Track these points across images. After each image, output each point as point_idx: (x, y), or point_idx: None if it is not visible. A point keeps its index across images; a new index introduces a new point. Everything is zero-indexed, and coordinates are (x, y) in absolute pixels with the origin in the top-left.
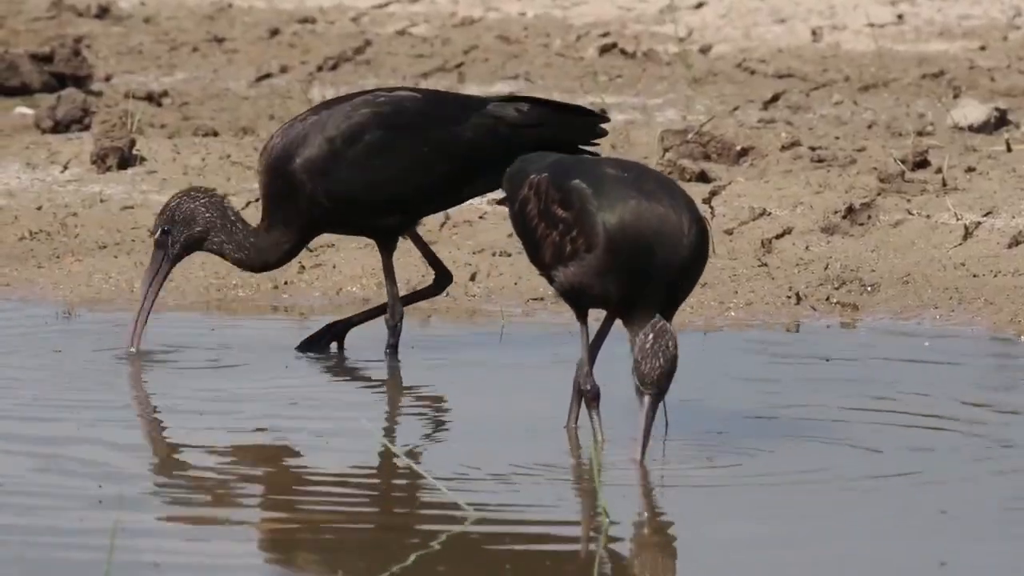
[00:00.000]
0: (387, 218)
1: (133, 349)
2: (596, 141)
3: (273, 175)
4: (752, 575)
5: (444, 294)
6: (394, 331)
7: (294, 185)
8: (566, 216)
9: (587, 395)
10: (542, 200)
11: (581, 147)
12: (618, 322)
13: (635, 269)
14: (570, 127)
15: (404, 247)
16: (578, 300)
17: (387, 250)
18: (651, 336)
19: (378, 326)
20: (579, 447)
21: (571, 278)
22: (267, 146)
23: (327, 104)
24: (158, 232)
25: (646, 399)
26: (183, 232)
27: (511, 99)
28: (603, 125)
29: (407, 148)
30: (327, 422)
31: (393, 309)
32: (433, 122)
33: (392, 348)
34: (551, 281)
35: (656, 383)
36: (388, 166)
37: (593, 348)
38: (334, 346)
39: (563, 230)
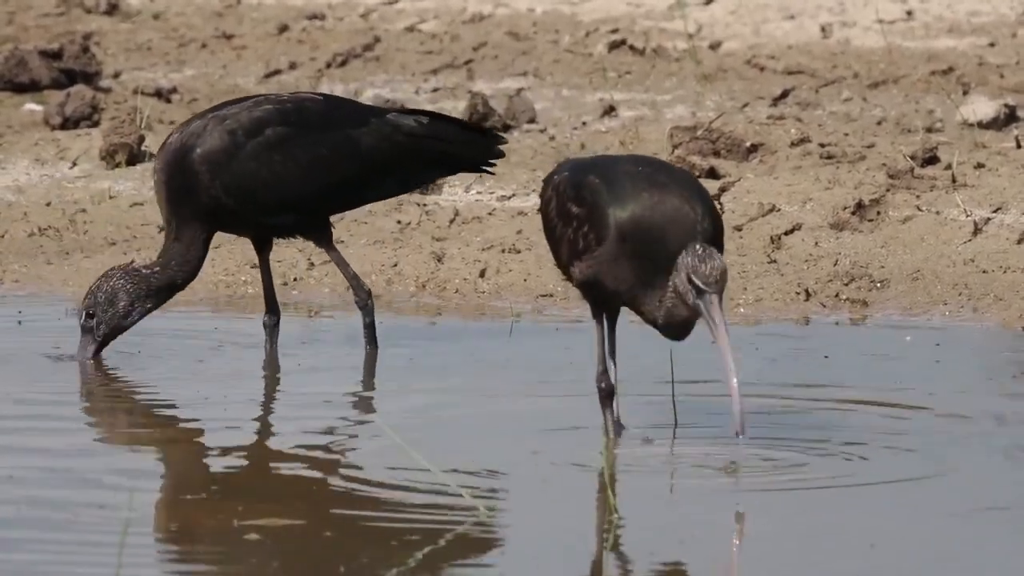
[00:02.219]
0: (282, 216)
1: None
2: (494, 161)
3: (171, 170)
4: (759, 571)
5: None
6: (366, 310)
7: (193, 178)
8: (579, 212)
9: (601, 392)
10: (561, 199)
11: (481, 166)
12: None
13: (648, 261)
14: (468, 145)
15: (415, 244)
16: (594, 295)
17: (323, 241)
18: (698, 249)
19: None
20: (594, 443)
21: (586, 272)
22: (164, 143)
23: (225, 104)
24: (83, 316)
25: (713, 298)
26: (107, 312)
27: (412, 111)
28: (501, 147)
29: (306, 147)
30: (336, 419)
31: (358, 289)
32: (333, 124)
33: (369, 327)
34: (571, 279)
35: (719, 281)
36: (287, 163)
37: (608, 347)
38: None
39: (576, 226)
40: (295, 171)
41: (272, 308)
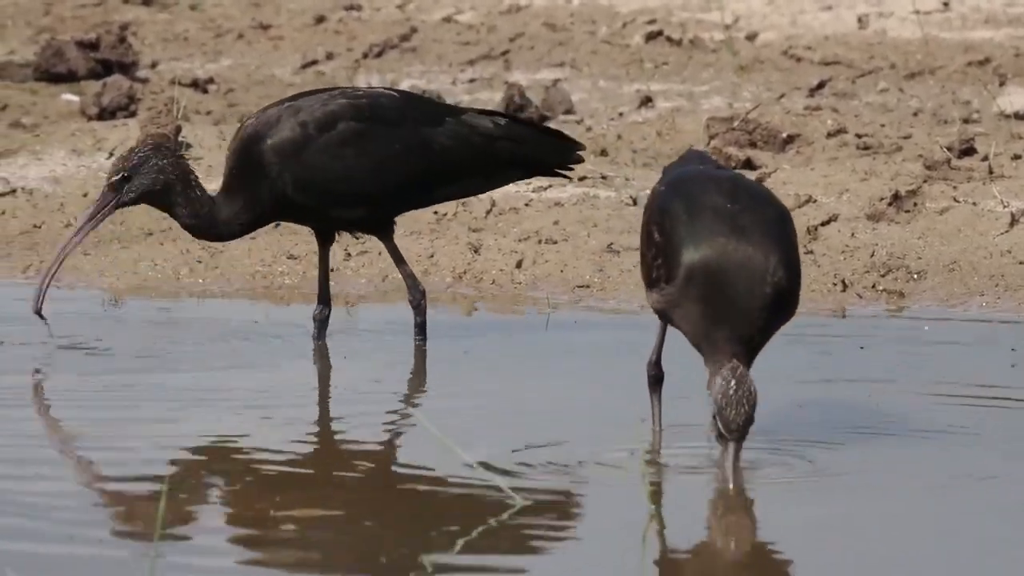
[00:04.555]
0: (351, 211)
1: (39, 309)
2: (571, 167)
3: (242, 154)
4: (801, 561)
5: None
6: (418, 309)
7: (261, 166)
8: (659, 240)
9: (650, 379)
10: (649, 217)
11: (557, 170)
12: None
13: (713, 307)
14: (545, 149)
15: (452, 235)
16: (662, 321)
17: (386, 237)
18: (733, 383)
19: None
20: (629, 435)
21: (655, 303)
22: (241, 126)
23: (305, 93)
24: (118, 176)
25: (730, 446)
26: (143, 185)
27: (490, 113)
28: (580, 152)
29: (379, 143)
30: (375, 411)
31: (413, 288)
32: (408, 122)
33: (420, 327)
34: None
35: (740, 430)
36: (358, 158)
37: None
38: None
39: (654, 254)
40: (364, 167)
41: (324, 300)
